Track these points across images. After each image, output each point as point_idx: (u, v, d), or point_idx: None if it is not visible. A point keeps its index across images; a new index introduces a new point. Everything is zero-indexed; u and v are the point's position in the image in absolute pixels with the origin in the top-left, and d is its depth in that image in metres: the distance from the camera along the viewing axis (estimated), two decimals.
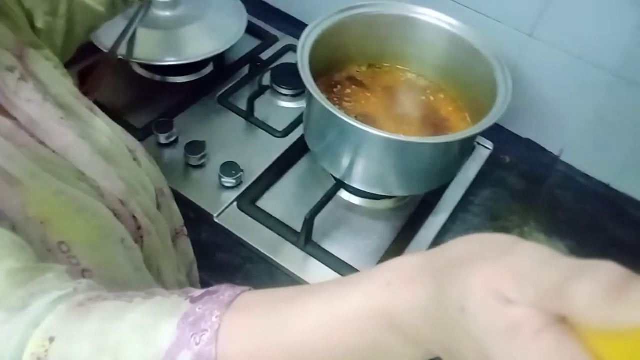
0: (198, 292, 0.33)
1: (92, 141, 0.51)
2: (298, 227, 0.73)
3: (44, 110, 0.48)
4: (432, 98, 0.81)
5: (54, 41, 0.56)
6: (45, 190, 0.43)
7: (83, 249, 0.43)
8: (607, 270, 0.20)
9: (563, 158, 0.92)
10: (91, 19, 0.61)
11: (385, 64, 0.84)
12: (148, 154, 0.59)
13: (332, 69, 0.81)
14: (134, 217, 0.51)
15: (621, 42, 0.76)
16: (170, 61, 0.84)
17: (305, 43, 0.70)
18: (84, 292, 0.35)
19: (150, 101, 0.88)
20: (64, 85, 0.52)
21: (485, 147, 0.90)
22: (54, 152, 0.47)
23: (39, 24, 0.54)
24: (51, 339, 0.31)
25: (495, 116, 0.65)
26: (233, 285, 0.33)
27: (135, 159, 0.56)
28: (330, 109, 0.62)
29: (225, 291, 0.32)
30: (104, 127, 0.53)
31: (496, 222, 0.82)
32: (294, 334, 0.30)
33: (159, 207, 0.58)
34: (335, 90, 0.80)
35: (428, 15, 0.77)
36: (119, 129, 0.56)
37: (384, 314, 0.27)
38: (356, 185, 0.73)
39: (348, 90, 0.80)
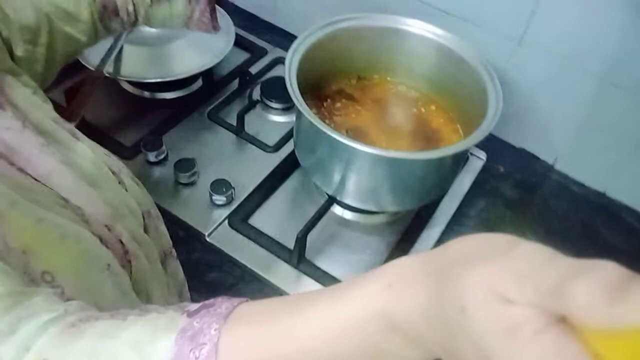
0: (194, 306, 0.33)
1: (75, 167, 0.50)
2: (291, 244, 0.72)
3: (23, 137, 0.47)
4: (423, 110, 0.80)
5: (33, 69, 0.55)
6: (25, 219, 0.42)
7: (67, 278, 0.42)
8: (607, 270, 0.20)
9: (557, 167, 0.92)
10: (72, 47, 0.60)
11: (375, 76, 0.83)
12: (133, 175, 0.58)
13: (321, 82, 0.80)
14: (120, 241, 0.50)
15: (610, 47, 0.75)
16: (158, 78, 0.83)
17: (293, 58, 0.69)
18: (75, 313, 0.34)
19: (139, 118, 0.87)
20: (44, 111, 0.51)
21: (479, 158, 0.89)
22: (35, 179, 0.46)
23: (19, 52, 0.53)
24: None
25: (486, 129, 0.65)
26: (229, 297, 0.33)
27: (120, 182, 0.55)
28: (319, 126, 0.61)
29: (222, 303, 0.32)
30: (86, 151, 0.52)
31: None
32: (296, 340, 0.29)
33: (146, 229, 0.57)
34: (325, 104, 0.79)
35: (415, 27, 0.76)
36: (102, 151, 0.55)
37: (385, 316, 0.27)
38: (348, 201, 0.72)
39: (338, 104, 0.79)
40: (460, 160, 0.75)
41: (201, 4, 0.67)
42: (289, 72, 0.67)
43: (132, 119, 0.87)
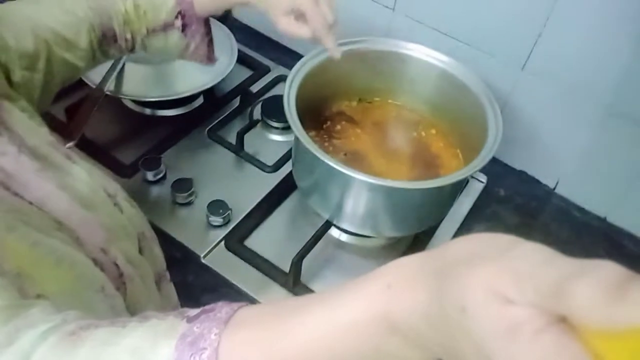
0: (194, 311, 0.33)
1: (71, 190, 0.50)
2: (287, 267, 0.71)
3: (19, 162, 0.47)
4: (423, 134, 0.80)
5: (30, 94, 0.55)
6: (21, 243, 0.42)
7: (61, 301, 0.42)
8: (607, 270, 0.20)
9: (558, 191, 0.91)
10: (70, 73, 0.61)
11: (376, 99, 0.83)
12: (129, 196, 0.58)
13: (322, 104, 0.80)
14: (115, 264, 0.50)
15: (614, 76, 0.75)
16: (160, 97, 0.83)
17: (293, 82, 0.69)
18: (74, 322, 0.34)
19: (139, 135, 0.87)
20: (40, 135, 0.51)
21: (479, 181, 0.89)
22: (30, 203, 0.46)
23: (16, 78, 0.53)
24: None
25: (486, 156, 0.64)
26: (229, 302, 0.33)
27: (115, 204, 0.55)
28: (315, 153, 0.61)
29: (222, 308, 0.32)
30: (82, 174, 0.52)
31: None
32: (297, 344, 0.29)
33: (141, 251, 0.57)
34: (325, 126, 0.79)
35: (417, 51, 0.76)
36: (98, 174, 0.55)
37: (385, 317, 0.27)
38: (345, 226, 0.72)
39: (338, 127, 0.79)
40: (459, 186, 0.74)
41: (197, 37, 0.68)
42: (288, 96, 0.66)
43: (132, 137, 0.87)
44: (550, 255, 0.23)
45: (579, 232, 0.87)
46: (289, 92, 0.67)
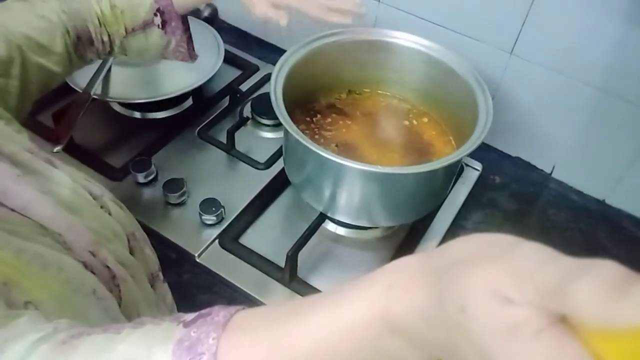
0: (190, 315, 0.32)
1: (54, 195, 0.49)
2: (283, 263, 0.70)
3: None
4: (415, 122, 0.79)
5: (7, 100, 0.54)
6: (4, 251, 0.41)
7: (51, 307, 0.42)
8: (607, 270, 0.20)
9: (555, 175, 0.90)
10: (47, 78, 0.59)
11: (366, 90, 0.82)
12: (116, 198, 0.57)
13: (311, 97, 0.79)
14: (107, 266, 0.49)
15: (604, 56, 0.74)
16: (147, 98, 0.82)
17: (279, 74, 0.68)
18: (65, 330, 0.33)
19: (129, 139, 0.86)
20: (18, 142, 0.50)
21: (474, 169, 0.88)
22: (12, 210, 0.45)
23: None
24: None
25: (476, 140, 0.63)
26: (225, 305, 0.32)
27: (102, 206, 0.54)
28: (306, 143, 0.60)
29: (219, 312, 0.31)
30: (64, 178, 0.52)
31: None
32: (298, 346, 0.29)
33: (132, 251, 0.56)
34: (314, 119, 0.78)
35: (403, 39, 0.75)
36: (82, 177, 0.55)
37: (385, 318, 0.27)
38: (340, 217, 0.71)
39: (328, 119, 0.78)
40: (453, 172, 0.74)
41: (177, 34, 0.67)
42: (275, 88, 0.66)
43: (122, 140, 0.86)
44: (551, 255, 0.22)
45: (577, 216, 0.86)
46: (275, 86, 0.67)
